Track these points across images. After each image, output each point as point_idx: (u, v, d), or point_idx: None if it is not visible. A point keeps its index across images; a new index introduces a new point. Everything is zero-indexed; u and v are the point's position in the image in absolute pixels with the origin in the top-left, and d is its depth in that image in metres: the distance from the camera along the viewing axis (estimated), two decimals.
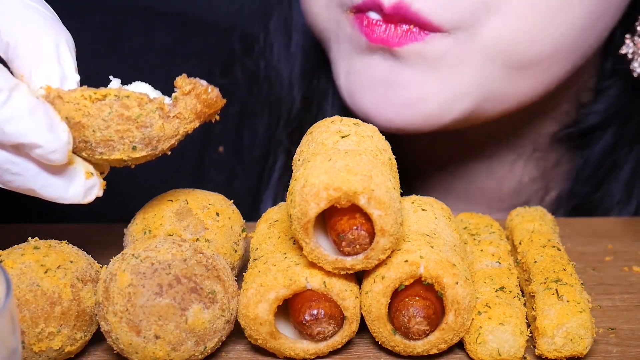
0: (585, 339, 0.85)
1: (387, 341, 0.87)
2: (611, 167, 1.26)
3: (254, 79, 1.35)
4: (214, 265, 0.85)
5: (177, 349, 0.82)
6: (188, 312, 0.81)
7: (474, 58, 1.11)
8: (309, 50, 1.32)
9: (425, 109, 1.13)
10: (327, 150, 0.87)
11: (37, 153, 0.81)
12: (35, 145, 0.81)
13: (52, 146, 0.81)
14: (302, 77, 1.33)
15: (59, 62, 0.85)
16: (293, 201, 0.83)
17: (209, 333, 0.83)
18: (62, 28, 0.87)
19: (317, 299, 0.85)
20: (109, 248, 0.94)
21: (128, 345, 0.81)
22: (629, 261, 1.05)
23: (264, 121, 1.35)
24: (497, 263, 0.94)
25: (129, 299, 0.81)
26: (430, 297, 0.85)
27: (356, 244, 0.83)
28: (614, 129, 1.26)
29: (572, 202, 1.29)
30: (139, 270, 0.82)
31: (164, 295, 0.81)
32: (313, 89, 1.33)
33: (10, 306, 0.67)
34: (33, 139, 0.81)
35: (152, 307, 0.81)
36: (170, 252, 0.83)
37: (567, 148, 1.29)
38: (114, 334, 0.82)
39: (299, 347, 0.86)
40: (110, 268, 0.84)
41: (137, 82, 0.87)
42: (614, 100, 1.25)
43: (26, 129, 0.80)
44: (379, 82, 1.13)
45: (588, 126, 1.26)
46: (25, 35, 0.84)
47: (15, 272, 0.82)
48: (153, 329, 0.81)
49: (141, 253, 0.83)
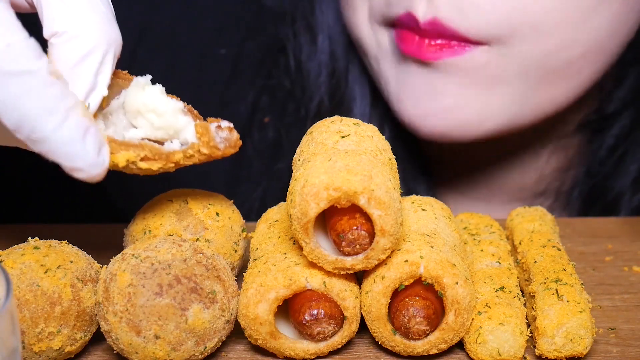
0: (585, 339, 0.85)
1: (387, 341, 0.87)
2: (627, 148, 1.29)
3: (287, 75, 1.37)
4: (214, 265, 0.85)
5: (177, 349, 0.82)
6: (188, 312, 0.81)
7: (509, 71, 1.13)
8: (336, 52, 1.34)
9: (462, 115, 1.15)
10: (327, 150, 0.87)
11: (76, 175, 0.79)
12: (79, 169, 0.79)
13: (95, 171, 0.80)
14: (329, 77, 1.34)
15: (96, 74, 0.82)
16: (293, 201, 0.83)
17: (209, 333, 0.83)
18: (117, 32, 0.83)
19: (317, 299, 0.85)
20: (109, 248, 0.94)
21: (128, 345, 0.81)
22: (629, 261, 1.05)
23: (302, 110, 1.37)
24: (497, 263, 0.94)
25: (129, 299, 0.81)
26: (430, 297, 0.85)
27: (356, 244, 0.83)
28: (631, 112, 1.28)
29: (590, 184, 1.31)
30: (139, 270, 0.82)
31: (164, 295, 0.81)
32: (342, 89, 1.34)
33: (10, 306, 0.67)
34: (80, 164, 0.78)
35: (152, 307, 0.81)
36: (170, 252, 0.83)
37: (587, 133, 1.31)
38: (114, 334, 0.82)
39: (299, 347, 0.86)
40: (110, 268, 0.84)
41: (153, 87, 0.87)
42: (633, 86, 1.27)
43: (75, 154, 0.77)
44: (421, 92, 1.15)
45: (609, 112, 1.29)
46: (77, 32, 0.81)
47: (15, 272, 0.82)
48: (153, 329, 0.81)
49: (141, 253, 0.83)
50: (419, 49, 1.12)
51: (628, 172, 1.28)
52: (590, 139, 1.31)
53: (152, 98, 0.86)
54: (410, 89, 1.16)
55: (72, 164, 0.78)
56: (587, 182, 1.31)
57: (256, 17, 1.37)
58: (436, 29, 1.10)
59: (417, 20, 1.11)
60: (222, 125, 0.87)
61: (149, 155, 0.85)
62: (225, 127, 0.87)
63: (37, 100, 0.75)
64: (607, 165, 1.29)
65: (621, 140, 1.29)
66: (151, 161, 0.85)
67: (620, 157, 1.28)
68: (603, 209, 1.29)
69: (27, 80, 0.74)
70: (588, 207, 1.31)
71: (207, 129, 0.86)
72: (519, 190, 1.34)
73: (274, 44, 1.36)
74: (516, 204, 1.33)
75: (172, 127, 0.86)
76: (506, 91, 1.14)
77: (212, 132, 0.86)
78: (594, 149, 1.31)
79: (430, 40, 1.12)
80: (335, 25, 1.33)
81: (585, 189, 1.31)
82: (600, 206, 1.30)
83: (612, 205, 1.29)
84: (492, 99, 1.14)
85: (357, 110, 1.32)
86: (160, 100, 0.86)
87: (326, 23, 1.33)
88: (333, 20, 1.33)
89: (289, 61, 1.35)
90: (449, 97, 1.14)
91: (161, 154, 0.85)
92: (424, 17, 1.10)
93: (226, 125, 0.87)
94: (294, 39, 1.34)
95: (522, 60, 1.12)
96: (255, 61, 1.36)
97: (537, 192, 1.33)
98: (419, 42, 1.12)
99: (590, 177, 1.31)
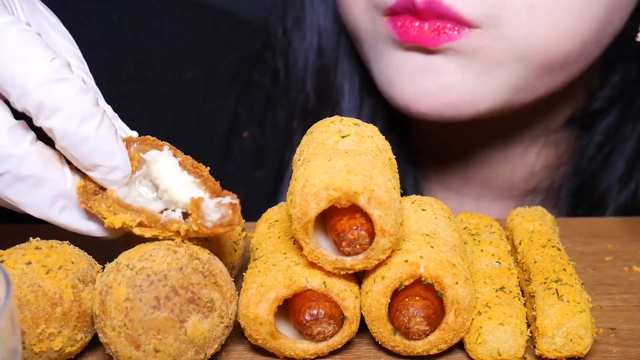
0: (585, 339, 0.85)
1: (387, 341, 0.87)
2: (615, 145, 1.30)
3: (276, 74, 1.39)
4: (210, 270, 0.83)
5: (178, 359, 0.81)
6: (187, 324, 0.81)
7: (506, 55, 1.14)
8: (323, 48, 1.36)
9: (460, 93, 1.16)
10: (327, 150, 0.87)
11: (113, 176, 0.86)
12: (116, 168, 0.86)
13: (128, 169, 0.87)
14: (315, 74, 1.35)
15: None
16: (293, 201, 0.84)
17: (208, 342, 0.83)
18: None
19: (317, 299, 0.85)
20: (110, 248, 0.94)
21: (128, 358, 0.81)
22: (629, 261, 1.05)
23: (283, 114, 1.39)
24: (497, 263, 0.94)
25: (127, 314, 0.80)
26: (430, 297, 0.85)
27: (356, 244, 0.83)
28: (618, 109, 1.29)
29: (578, 180, 1.32)
30: (135, 283, 0.80)
31: (162, 309, 0.80)
32: (329, 85, 1.35)
33: (11, 306, 0.67)
34: (117, 162, 0.85)
35: (150, 322, 0.80)
36: (166, 262, 0.82)
37: (575, 130, 1.32)
38: (113, 347, 0.81)
39: (299, 347, 0.86)
40: (105, 279, 0.82)
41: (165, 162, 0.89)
42: (619, 83, 1.29)
43: (113, 151, 0.85)
44: (417, 72, 1.16)
45: (597, 109, 1.30)
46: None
47: (16, 273, 0.82)
48: (152, 343, 0.80)
49: (136, 264, 0.82)
50: (419, 36, 1.14)
51: (615, 169, 1.29)
52: (579, 136, 1.32)
53: (162, 172, 0.88)
54: (405, 71, 1.17)
55: (112, 162, 0.85)
56: (575, 178, 1.32)
57: (230, 32, 1.39)
58: (432, 9, 1.12)
59: (414, 2, 1.12)
60: (222, 202, 0.85)
61: (145, 221, 0.85)
62: (225, 204, 0.85)
63: (80, 104, 0.84)
64: (595, 161, 1.30)
65: (608, 136, 1.30)
66: (145, 228, 0.85)
67: (608, 154, 1.30)
68: (591, 205, 1.30)
69: (68, 85, 0.83)
70: (576, 203, 1.32)
71: (198, 206, 0.84)
72: (509, 188, 1.35)
73: (250, 57, 1.39)
74: (506, 202, 1.34)
75: (177, 202, 0.87)
76: (504, 74, 1.15)
77: (203, 210, 0.84)
78: (582, 146, 1.32)
79: (428, 24, 1.13)
80: (325, 21, 1.34)
81: (574, 186, 1.33)
82: (588, 203, 1.31)
83: (600, 202, 1.30)
84: (487, 80, 1.16)
85: (345, 105, 1.34)
86: (168, 175, 0.87)
87: (316, 20, 1.34)
88: (323, 15, 1.34)
89: (276, 61, 1.37)
90: (445, 76, 1.15)
91: (156, 222, 0.85)
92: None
93: (227, 201, 0.85)
94: (283, 35, 1.36)
95: (520, 45, 1.13)
96: (230, 76, 1.38)
97: (527, 189, 1.34)
98: (419, 28, 1.14)
99: (579, 174, 1.32)
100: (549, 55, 1.14)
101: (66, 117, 0.83)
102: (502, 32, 1.13)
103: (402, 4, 1.14)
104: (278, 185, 1.39)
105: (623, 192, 1.29)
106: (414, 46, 1.15)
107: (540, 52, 1.14)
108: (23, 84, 0.82)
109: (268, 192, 1.39)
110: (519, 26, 1.12)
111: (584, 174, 1.31)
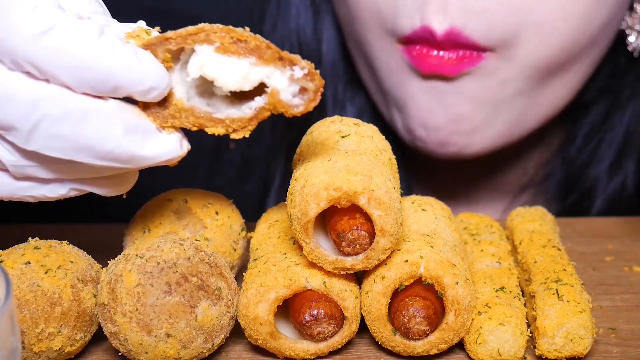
0: (586, 339, 0.85)
1: (387, 341, 0.87)
2: (603, 135, 1.30)
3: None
4: (215, 262, 0.85)
5: (187, 346, 0.82)
6: (197, 309, 0.82)
7: (515, 73, 1.14)
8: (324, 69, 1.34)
9: (470, 124, 1.15)
10: (327, 150, 0.87)
11: (151, 96, 0.80)
12: (151, 88, 0.79)
13: (164, 81, 0.80)
14: None
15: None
16: (293, 201, 0.83)
17: (216, 329, 0.83)
18: None
19: (317, 299, 0.85)
20: (109, 248, 0.94)
21: (138, 345, 0.81)
22: (629, 261, 1.05)
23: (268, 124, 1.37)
24: (497, 263, 0.94)
25: (139, 298, 0.81)
26: (431, 297, 0.85)
27: (356, 244, 0.83)
28: (606, 99, 1.29)
29: (566, 171, 1.32)
30: (146, 269, 0.82)
31: (174, 294, 0.81)
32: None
33: (10, 306, 0.67)
34: (149, 82, 0.79)
35: (162, 306, 0.81)
36: (174, 251, 0.83)
37: (566, 122, 1.32)
38: (123, 335, 0.81)
39: (299, 347, 0.86)
40: (113, 269, 0.83)
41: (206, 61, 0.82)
42: (608, 73, 1.28)
43: (140, 73, 0.79)
44: (432, 104, 1.15)
45: (586, 100, 1.30)
46: None
47: (15, 272, 0.82)
48: (164, 328, 0.81)
49: (145, 253, 0.83)
50: (440, 65, 1.12)
51: (604, 159, 1.29)
52: (568, 127, 1.33)
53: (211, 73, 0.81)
54: (422, 103, 1.16)
55: (142, 85, 0.79)
56: (564, 169, 1.32)
57: None
58: (452, 40, 1.10)
59: (433, 33, 1.10)
60: (295, 77, 0.80)
61: (231, 125, 0.82)
62: (299, 78, 0.80)
63: (80, 47, 0.77)
64: (583, 152, 1.30)
65: (597, 127, 1.30)
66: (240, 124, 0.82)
67: (596, 145, 1.30)
68: (580, 196, 1.30)
69: (60, 33, 0.77)
70: (565, 194, 1.32)
71: (276, 98, 0.81)
72: (502, 185, 1.35)
73: None
74: (500, 199, 1.34)
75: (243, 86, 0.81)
76: (510, 93, 1.15)
77: (282, 99, 0.81)
78: (571, 137, 1.31)
79: (448, 53, 1.11)
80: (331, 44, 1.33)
81: (563, 177, 1.33)
82: (577, 193, 1.30)
83: (589, 192, 1.30)
84: (500, 106, 1.16)
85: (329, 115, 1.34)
86: (216, 70, 0.81)
87: (301, 34, 1.32)
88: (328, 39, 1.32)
89: None
90: (460, 108, 1.15)
91: (243, 120, 0.82)
92: (440, 29, 1.10)
93: (300, 74, 0.80)
94: None
95: (527, 61, 1.13)
96: None
97: (521, 184, 1.34)
98: (438, 58, 1.12)
99: (567, 165, 1.32)
100: (554, 62, 1.15)
101: (71, 67, 0.77)
102: (512, 53, 1.12)
103: (419, 34, 1.11)
104: (265, 197, 1.38)
105: (612, 182, 1.29)
106: (433, 76, 1.14)
107: (545, 62, 1.14)
108: (10, 47, 0.75)
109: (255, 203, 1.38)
110: (528, 46, 1.12)
111: (573, 165, 1.31)
